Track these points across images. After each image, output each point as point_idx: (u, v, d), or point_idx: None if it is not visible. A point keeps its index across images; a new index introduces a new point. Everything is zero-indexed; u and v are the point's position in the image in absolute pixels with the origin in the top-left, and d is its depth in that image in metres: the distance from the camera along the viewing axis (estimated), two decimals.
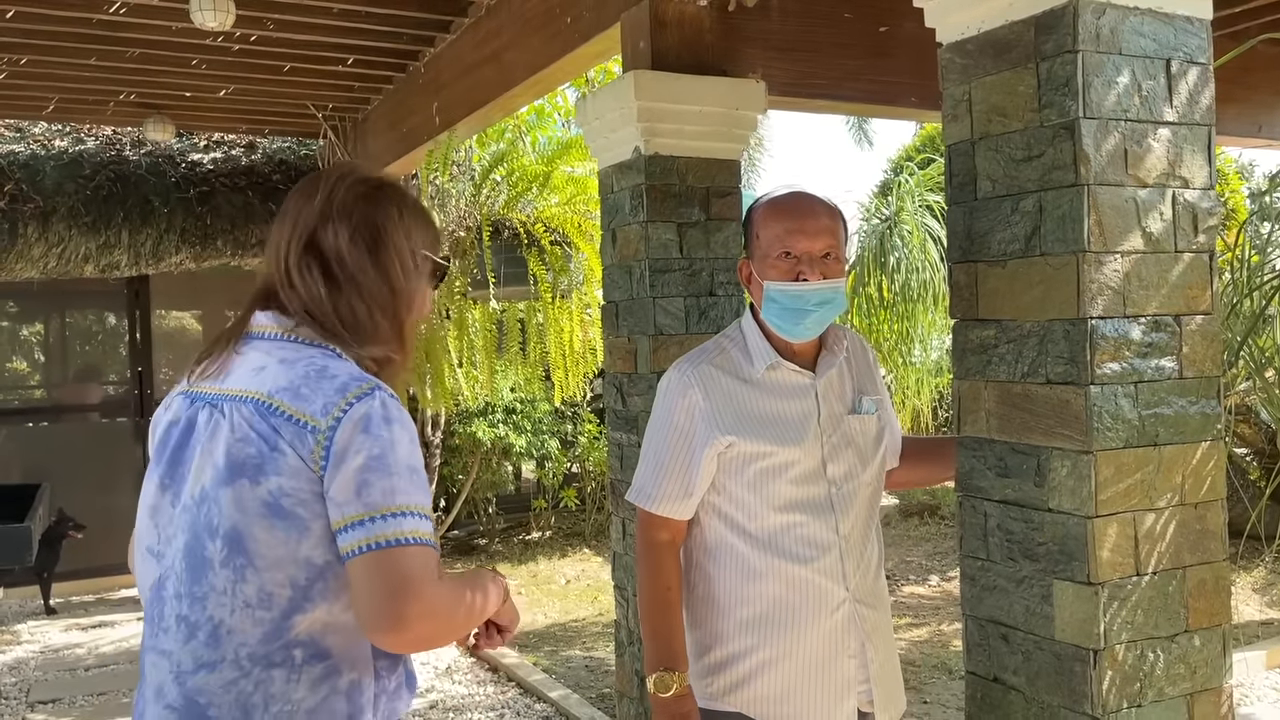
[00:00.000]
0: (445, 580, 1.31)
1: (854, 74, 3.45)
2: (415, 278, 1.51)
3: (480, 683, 4.80)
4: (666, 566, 1.89)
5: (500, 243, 5.05)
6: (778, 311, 1.86)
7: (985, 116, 1.91)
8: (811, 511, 1.85)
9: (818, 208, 1.89)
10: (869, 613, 1.89)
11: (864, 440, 1.95)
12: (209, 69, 5.15)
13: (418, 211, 1.55)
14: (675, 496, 1.87)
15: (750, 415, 1.86)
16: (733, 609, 1.86)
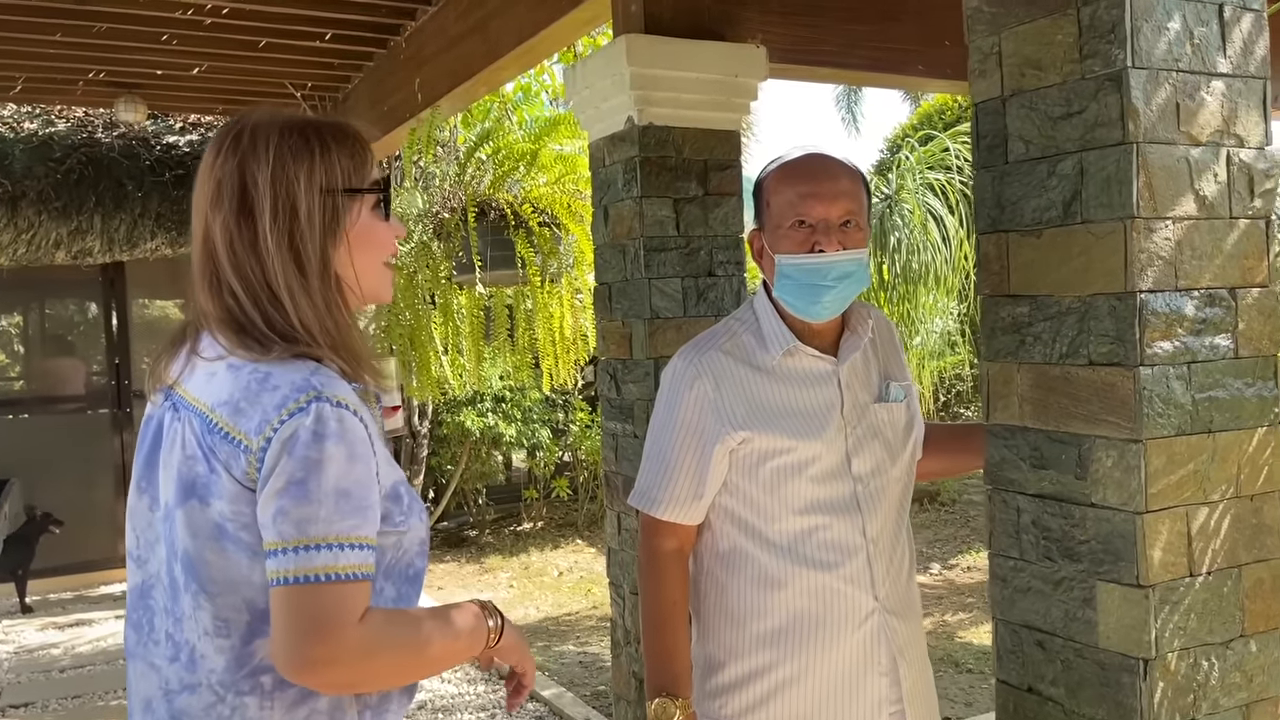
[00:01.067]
0: (380, 621, 1.17)
1: (859, 40, 3.26)
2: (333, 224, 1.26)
3: (470, 681, 4.63)
4: (672, 579, 1.71)
5: (486, 224, 4.86)
6: (792, 288, 1.67)
7: (1017, 70, 1.73)
8: (835, 512, 1.67)
9: (835, 169, 1.70)
10: (900, 624, 1.72)
11: (892, 431, 1.77)
12: (180, 45, 4.94)
13: (307, 139, 1.26)
14: (683, 500, 1.69)
15: (766, 407, 1.67)
16: (748, 621, 1.68)
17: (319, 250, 1.25)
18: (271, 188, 1.23)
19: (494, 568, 6.80)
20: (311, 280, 1.24)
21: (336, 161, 1.27)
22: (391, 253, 1.37)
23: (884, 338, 1.84)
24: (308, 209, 1.24)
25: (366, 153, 1.32)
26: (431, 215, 5.00)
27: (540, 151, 4.90)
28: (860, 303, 1.80)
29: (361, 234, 1.30)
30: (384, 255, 1.35)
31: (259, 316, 1.22)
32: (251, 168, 1.24)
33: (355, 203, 1.29)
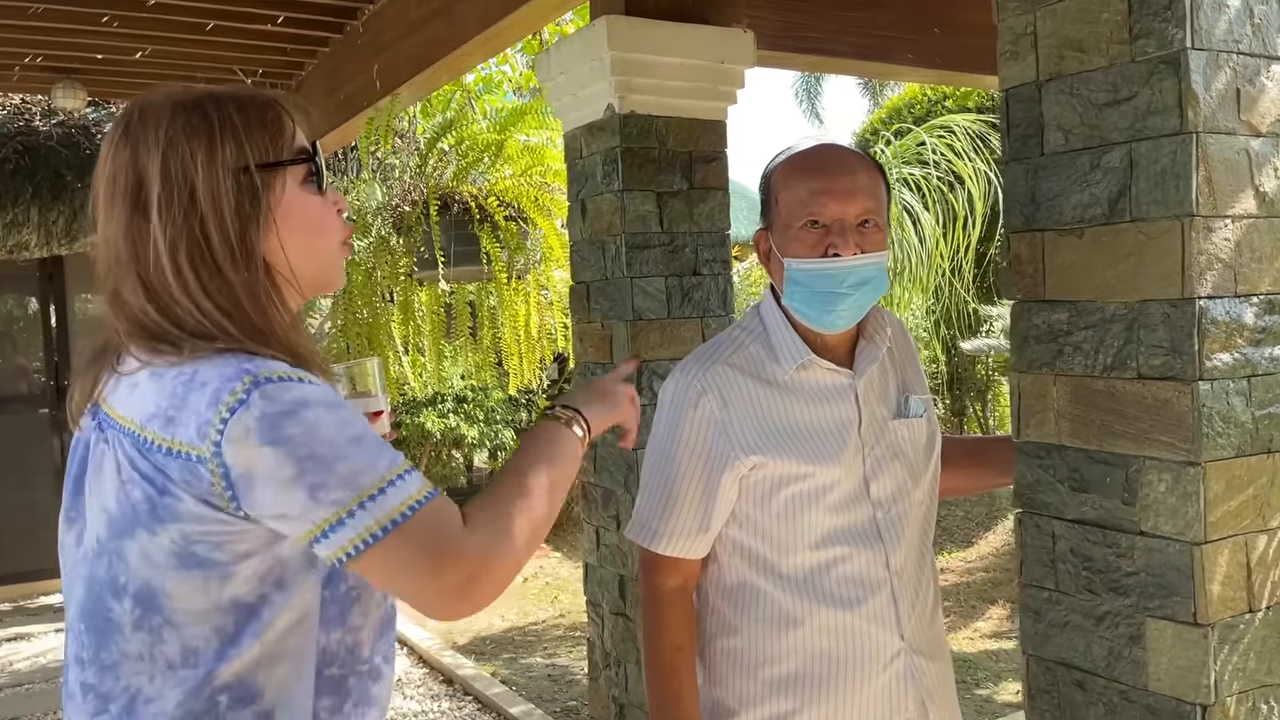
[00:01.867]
0: (482, 509, 1.10)
1: (848, 27, 3.11)
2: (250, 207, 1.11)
3: (435, 698, 4.42)
4: (675, 620, 1.53)
5: (450, 218, 4.63)
6: (803, 296, 1.50)
7: (1056, 52, 1.57)
8: (856, 543, 1.50)
9: (851, 162, 1.53)
10: (929, 664, 1.55)
11: (913, 450, 1.60)
12: (122, 27, 4.65)
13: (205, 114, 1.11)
14: (688, 532, 1.51)
15: (779, 427, 1.49)
16: (761, 666, 1.50)
17: (234, 237, 1.10)
18: (163, 175, 1.09)
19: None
20: (227, 272, 1.09)
21: (246, 135, 1.12)
22: (334, 230, 1.21)
23: (900, 346, 1.68)
24: (211, 192, 1.09)
25: (284, 121, 1.16)
26: (391, 208, 4.76)
27: (506, 142, 4.68)
28: (877, 308, 1.63)
29: (290, 213, 1.14)
30: (324, 234, 1.19)
31: (168, 319, 1.09)
32: (142, 156, 1.10)
33: (276, 178, 1.13)
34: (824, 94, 21.72)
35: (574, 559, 6.85)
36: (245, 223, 1.10)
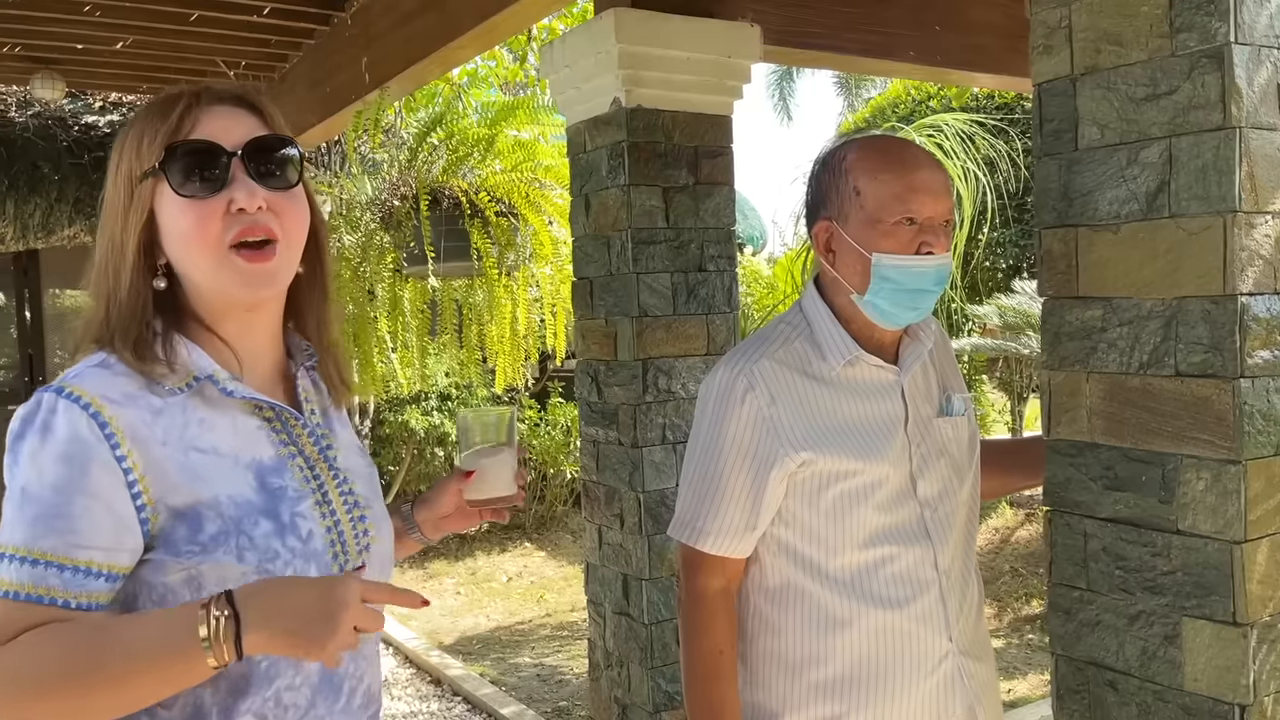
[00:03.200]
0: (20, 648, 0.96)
1: (852, 23, 3.09)
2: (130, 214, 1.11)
3: (423, 698, 4.37)
4: (718, 624, 1.49)
5: (440, 213, 4.57)
6: (890, 293, 1.47)
7: (1092, 46, 1.55)
8: (904, 542, 1.48)
9: (934, 160, 1.53)
10: (976, 667, 1.53)
11: (958, 448, 1.58)
12: (103, 17, 4.56)
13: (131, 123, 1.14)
14: (735, 530, 1.47)
15: (828, 424, 1.47)
16: (806, 668, 1.47)
17: (118, 245, 1.11)
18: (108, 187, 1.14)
19: (439, 573, 6.53)
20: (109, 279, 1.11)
21: (140, 142, 1.11)
22: (201, 235, 1.09)
23: (940, 346, 1.66)
24: (109, 203, 1.12)
25: (165, 123, 1.11)
26: (380, 203, 4.69)
27: (497, 137, 4.63)
28: None
29: (166, 219, 1.11)
30: (190, 241, 1.09)
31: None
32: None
33: (155, 184, 1.10)
34: (797, 90, 21.76)
35: (558, 559, 6.81)
36: (127, 231, 1.10)
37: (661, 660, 2.86)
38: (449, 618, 5.66)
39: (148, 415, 1.05)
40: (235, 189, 1.09)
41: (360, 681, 1.20)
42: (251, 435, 1.12)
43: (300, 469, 1.14)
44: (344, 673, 1.16)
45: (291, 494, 1.11)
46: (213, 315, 1.14)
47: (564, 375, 7.56)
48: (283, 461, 1.13)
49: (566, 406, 7.18)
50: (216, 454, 1.08)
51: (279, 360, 1.21)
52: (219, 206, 1.08)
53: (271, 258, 1.11)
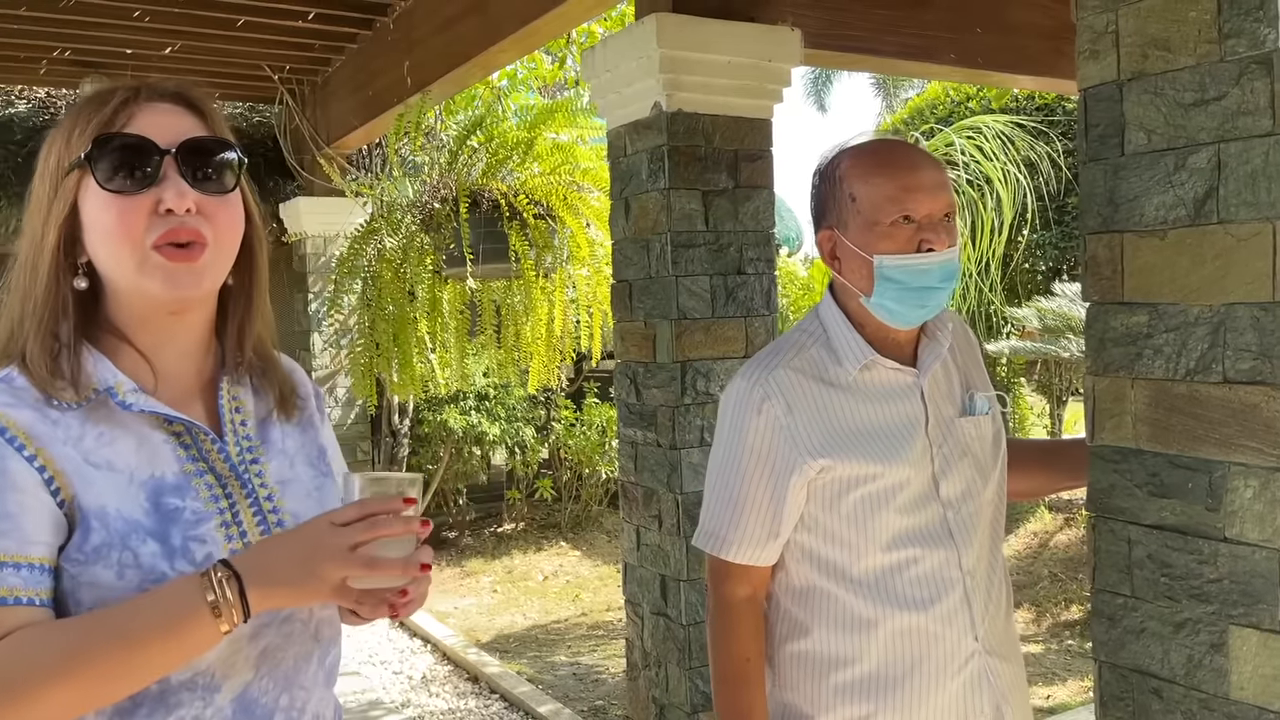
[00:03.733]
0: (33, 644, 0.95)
1: (891, 25, 3.09)
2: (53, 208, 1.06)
3: (461, 695, 4.41)
4: (744, 631, 1.50)
5: (479, 215, 4.61)
6: (895, 293, 1.47)
7: (1139, 51, 1.55)
8: (927, 544, 1.48)
9: (928, 158, 1.52)
10: (1003, 666, 1.53)
11: (981, 448, 1.58)
12: (153, 22, 4.66)
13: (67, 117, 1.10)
14: (757, 540, 1.49)
15: (845, 429, 1.47)
16: (834, 670, 1.48)
17: (38, 241, 1.07)
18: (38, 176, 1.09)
19: (475, 571, 6.58)
20: (25, 278, 1.08)
21: (69, 136, 1.07)
22: (123, 233, 1.04)
23: (962, 344, 1.65)
24: (35, 196, 1.08)
25: (90, 116, 1.07)
26: (420, 206, 4.74)
27: (536, 140, 4.67)
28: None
29: (89, 214, 1.06)
30: (112, 238, 1.05)
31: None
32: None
33: (80, 179, 1.06)
34: (834, 91, 21.64)
35: (593, 558, 6.84)
36: (48, 225, 1.06)
37: (699, 661, 2.87)
38: (485, 616, 5.70)
39: (47, 420, 1.03)
40: (165, 188, 1.05)
41: (300, 712, 1.13)
42: (155, 451, 1.07)
43: (208, 487, 1.08)
44: (272, 704, 1.10)
45: (189, 516, 1.05)
46: (132, 321, 1.09)
47: (599, 376, 7.58)
48: (186, 479, 1.07)
49: (602, 407, 7.20)
50: (111, 470, 1.03)
51: (206, 371, 1.16)
52: (145, 204, 1.04)
53: (197, 258, 1.06)
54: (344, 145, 5.59)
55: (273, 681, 1.10)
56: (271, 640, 1.10)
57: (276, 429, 1.19)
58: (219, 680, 1.06)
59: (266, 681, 1.10)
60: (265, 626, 1.09)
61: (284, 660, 1.11)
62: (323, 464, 1.24)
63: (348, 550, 0.96)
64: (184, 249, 1.05)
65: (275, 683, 1.10)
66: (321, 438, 1.26)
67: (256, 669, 1.09)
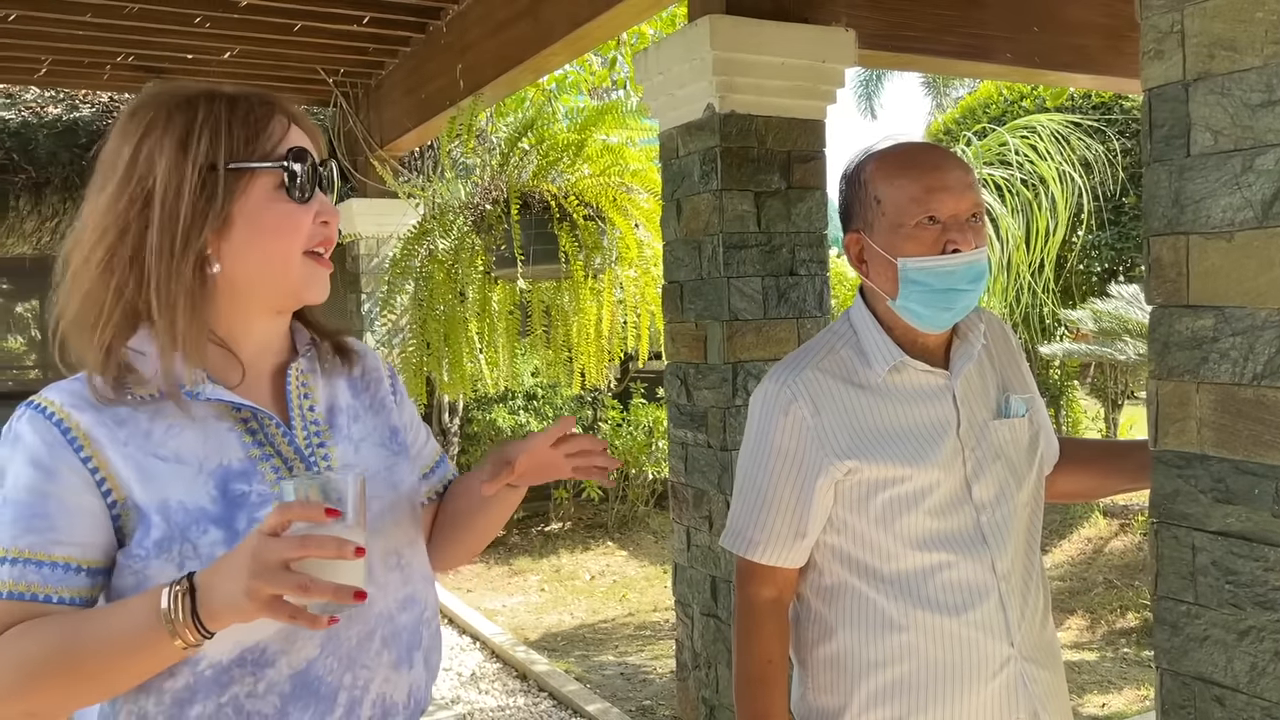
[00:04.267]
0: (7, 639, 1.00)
1: (947, 25, 3.06)
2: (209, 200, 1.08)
3: (510, 693, 4.45)
4: (767, 633, 1.50)
5: (530, 217, 4.65)
6: (921, 295, 1.46)
7: (1205, 51, 1.52)
8: (960, 548, 1.47)
9: (953, 158, 1.50)
10: (1040, 673, 1.51)
11: (1015, 450, 1.55)
12: (213, 28, 4.75)
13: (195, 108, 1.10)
14: (783, 540, 1.49)
15: (873, 430, 1.47)
16: (864, 674, 1.47)
17: (179, 232, 1.08)
18: (129, 162, 1.09)
19: (523, 570, 6.62)
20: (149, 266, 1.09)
21: (225, 133, 1.09)
22: (296, 236, 1.13)
23: (999, 344, 1.63)
24: (168, 184, 1.07)
25: (272, 123, 1.12)
26: (472, 207, 4.79)
27: (586, 142, 4.69)
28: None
29: (253, 216, 1.10)
30: (283, 238, 1.12)
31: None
32: (116, 142, 1.11)
33: (245, 180, 1.10)
34: (884, 91, 21.47)
35: (640, 558, 6.85)
36: (194, 219, 1.08)
37: None
38: (533, 614, 5.74)
39: (110, 421, 1.06)
40: (321, 201, 1.15)
41: (364, 691, 1.14)
42: (221, 439, 1.10)
43: (274, 470, 1.12)
44: (336, 681, 1.11)
45: (255, 499, 1.09)
46: (234, 317, 1.14)
47: (646, 376, 7.60)
48: (252, 464, 1.11)
49: (648, 407, 7.22)
50: (179, 461, 1.07)
51: (279, 361, 1.21)
52: (310, 214, 1.13)
53: (330, 264, 1.17)
54: (397, 147, 5.66)
55: (337, 660, 1.12)
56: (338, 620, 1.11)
57: (344, 414, 1.23)
58: (273, 655, 1.07)
59: (331, 660, 1.11)
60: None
61: (348, 639, 1.13)
62: (394, 444, 1.27)
63: (279, 566, 0.91)
64: (325, 257, 1.16)
65: (339, 661, 1.12)
66: (393, 419, 1.30)
67: (322, 647, 1.10)
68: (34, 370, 7.40)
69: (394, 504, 1.21)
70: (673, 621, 3.18)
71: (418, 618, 1.22)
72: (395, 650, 1.18)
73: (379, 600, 1.16)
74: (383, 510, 1.19)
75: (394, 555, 1.19)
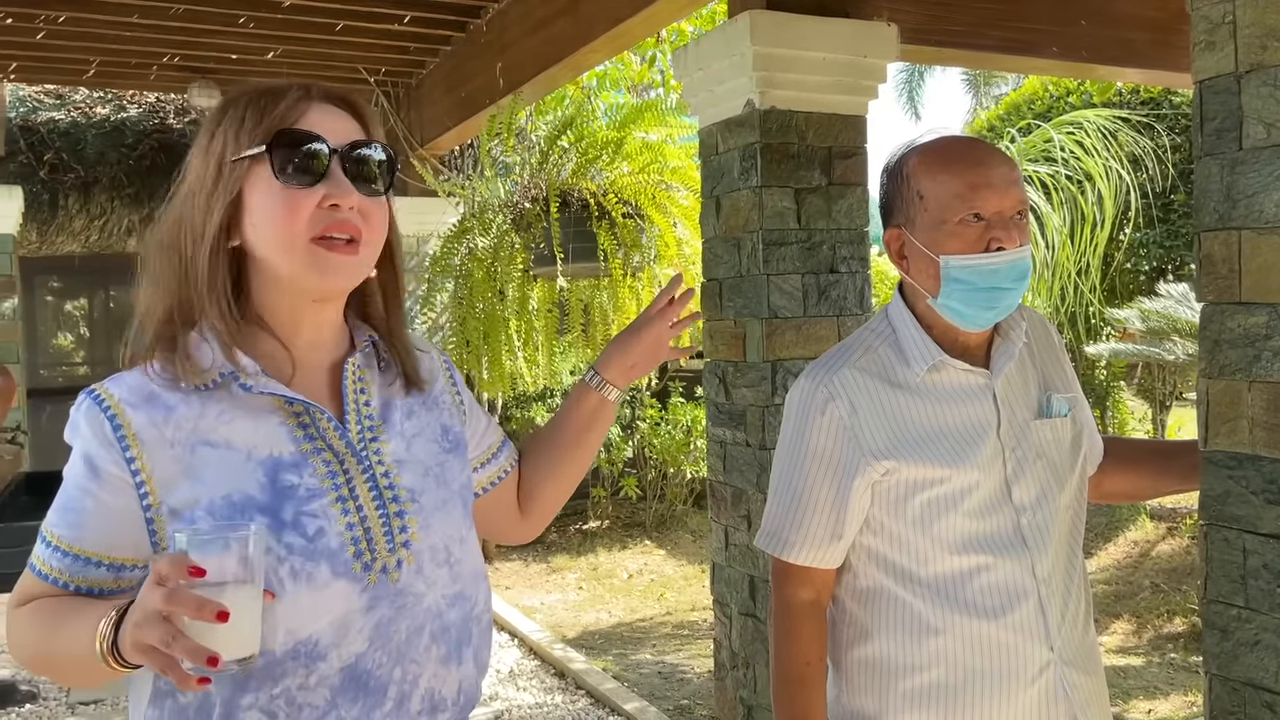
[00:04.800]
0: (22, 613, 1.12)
1: (992, 20, 3.01)
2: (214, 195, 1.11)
3: (548, 690, 4.46)
4: (805, 634, 1.48)
5: (569, 215, 4.66)
6: (964, 294, 1.42)
7: (1258, 43, 1.48)
8: (999, 550, 1.43)
9: (998, 154, 1.47)
10: (1081, 678, 1.48)
11: (1057, 451, 1.52)
12: (257, 28, 4.81)
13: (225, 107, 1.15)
14: (820, 540, 1.46)
15: (911, 430, 1.44)
16: (901, 676, 1.45)
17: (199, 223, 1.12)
18: (186, 164, 1.16)
19: (561, 568, 6.64)
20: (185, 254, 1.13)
21: (240, 126, 1.12)
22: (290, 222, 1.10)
23: (1041, 342, 1.59)
24: (197, 178, 1.13)
25: (273, 110, 1.12)
26: (512, 205, 4.81)
27: (625, 140, 4.69)
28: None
29: (256, 203, 1.11)
30: (277, 225, 1.11)
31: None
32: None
33: (252, 168, 1.11)
34: (926, 87, 21.22)
35: (678, 557, 6.84)
36: (211, 209, 1.11)
37: None
38: (571, 612, 5.75)
39: (161, 416, 1.09)
40: (331, 185, 1.11)
41: (414, 685, 1.15)
42: (272, 431, 1.12)
43: (325, 464, 1.13)
44: (386, 676, 1.12)
45: (303, 492, 1.10)
46: (277, 308, 1.16)
47: (684, 375, 7.59)
48: (303, 457, 1.12)
49: (687, 406, 7.21)
50: (229, 448, 1.10)
51: (336, 355, 1.21)
52: (313, 198, 1.10)
53: (356, 253, 1.13)
54: (437, 146, 5.70)
55: (386, 655, 1.12)
56: (385, 613, 1.12)
57: (398, 410, 1.23)
58: (324, 649, 1.09)
59: (380, 654, 1.12)
60: (379, 599, 1.12)
61: (396, 633, 1.13)
62: (447, 440, 1.27)
63: (155, 616, 0.92)
64: (343, 244, 1.12)
65: (389, 655, 1.13)
66: (446, 416, 1.30)
67: (370, 641, 1.11)
68: (83, 366, 7.54)
69: (445, 500, 1.22)
70: (711, 621, 3.17)
71: (467, 614, 1.22)
72: (444, 645, 1.18)
73: (427, 595, 1.16)
74: (433, 506, 1.19)
75: (442, 551, 1.19)
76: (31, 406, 6.38)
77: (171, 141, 5.94)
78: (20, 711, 4.25)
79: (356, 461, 1.15)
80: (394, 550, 1.14)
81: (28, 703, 4.29)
